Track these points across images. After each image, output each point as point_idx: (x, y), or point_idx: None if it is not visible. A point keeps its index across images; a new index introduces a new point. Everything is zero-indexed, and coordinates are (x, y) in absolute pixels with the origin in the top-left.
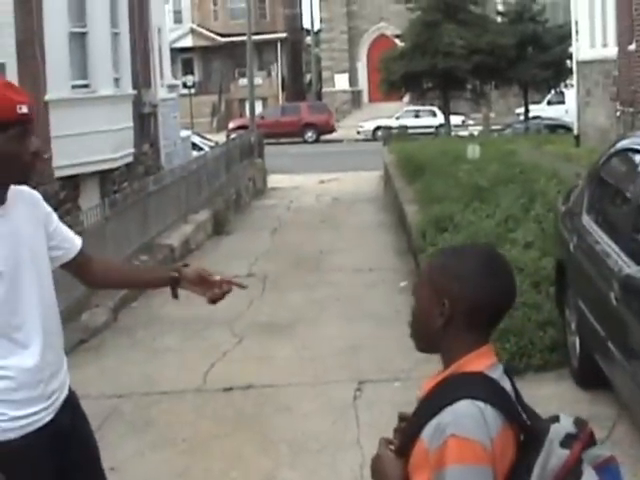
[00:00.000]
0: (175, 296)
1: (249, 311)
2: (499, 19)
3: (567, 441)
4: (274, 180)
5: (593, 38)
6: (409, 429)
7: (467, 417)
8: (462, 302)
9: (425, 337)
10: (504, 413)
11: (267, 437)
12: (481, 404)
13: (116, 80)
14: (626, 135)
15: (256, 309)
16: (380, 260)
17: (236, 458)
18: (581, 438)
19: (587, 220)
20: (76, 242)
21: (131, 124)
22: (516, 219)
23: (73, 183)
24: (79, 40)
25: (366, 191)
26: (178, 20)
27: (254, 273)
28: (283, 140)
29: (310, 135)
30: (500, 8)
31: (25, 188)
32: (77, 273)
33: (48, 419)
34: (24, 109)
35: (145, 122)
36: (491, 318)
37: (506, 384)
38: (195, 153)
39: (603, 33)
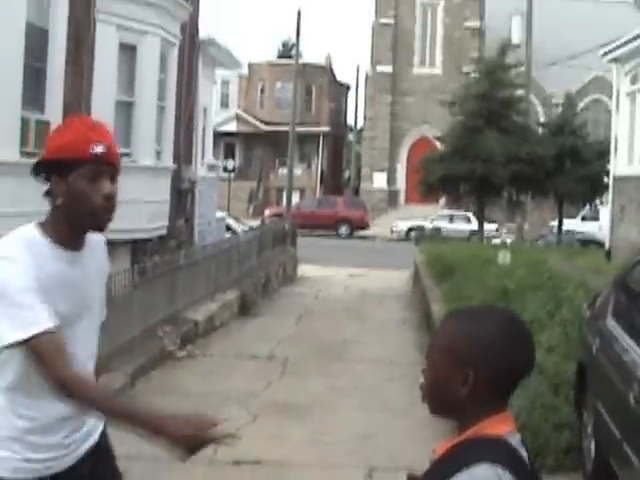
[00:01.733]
0: None
1: (266, 392)
2: (540, 130)
3: None
4: (304, 269)
5: (632, 155)
6: None
7: None
8: (486, 370)
9: (442, 403)
10: None
11: None
12: (499, 469)
13: (158, 153)
14: None
15: (274, 391)
16: (401, 354)
17: None
18: None
19: (612, 323)
20: (104, 314)
21: (168, 197)
22: (541, 323)
23: None
24: (125, 109)
25: (394, 288)
26: (225, 104)
27: (275, 355)
28: (317, 232)
29: (344, 230)
30: (542, 120)
31: (104, 243)
32: None
33: (65, 466)
34: (98, 149)
35: (182, 198)
36: (513, 383)
37: (523, 453)
38: (228, 235)
39: None
